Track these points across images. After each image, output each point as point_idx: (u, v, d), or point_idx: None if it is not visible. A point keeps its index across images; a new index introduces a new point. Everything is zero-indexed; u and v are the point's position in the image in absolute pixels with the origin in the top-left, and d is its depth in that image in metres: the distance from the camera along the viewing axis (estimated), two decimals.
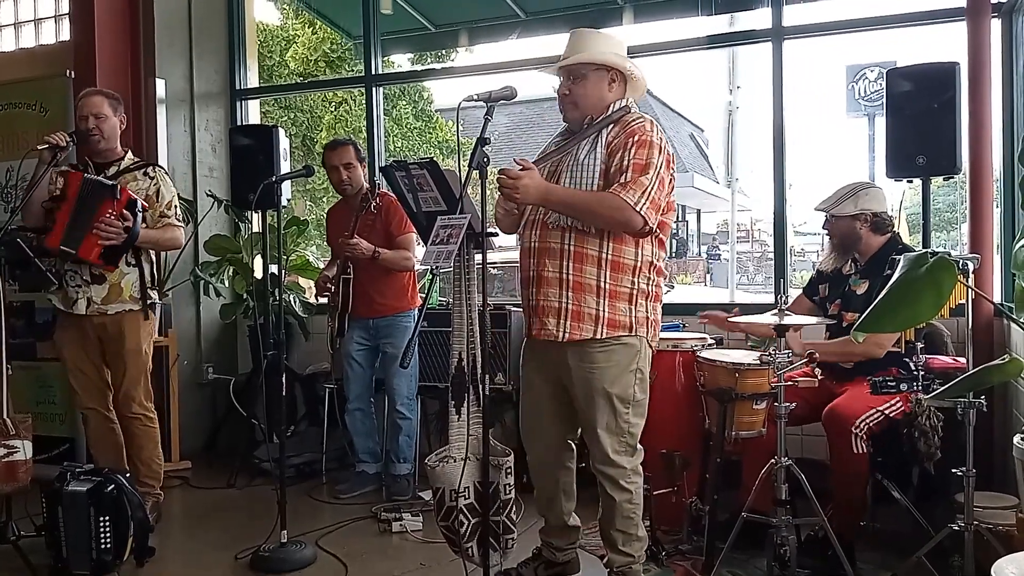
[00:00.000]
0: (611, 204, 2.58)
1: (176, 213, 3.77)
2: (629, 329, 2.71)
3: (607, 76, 2.74)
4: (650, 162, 2.60)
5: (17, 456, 3.21)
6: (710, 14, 5.62)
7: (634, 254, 2.70)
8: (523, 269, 2.81)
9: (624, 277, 2.70)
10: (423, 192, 2.73)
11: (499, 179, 2.59)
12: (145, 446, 3.80)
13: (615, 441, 2.74)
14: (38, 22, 5.43)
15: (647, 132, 2.64)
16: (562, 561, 3.05)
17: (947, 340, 3.66)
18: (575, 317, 2.69)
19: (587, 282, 2.68)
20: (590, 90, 2.72)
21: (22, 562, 3.17)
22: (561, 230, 2.69)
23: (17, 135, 4.60)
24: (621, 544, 2.82)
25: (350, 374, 4.30)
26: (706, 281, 19.86)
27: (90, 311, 3.65)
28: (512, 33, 6.20)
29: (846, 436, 3.06)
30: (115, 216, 3.49)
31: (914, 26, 4.34)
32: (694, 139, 23.82)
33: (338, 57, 14.00)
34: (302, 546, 3.41)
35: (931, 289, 1.58)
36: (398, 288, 4.23)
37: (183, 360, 5.06)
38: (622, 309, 2.70)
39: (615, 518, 2.79)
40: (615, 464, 2.75)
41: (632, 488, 2.79)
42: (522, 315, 2.90)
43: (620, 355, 2.72)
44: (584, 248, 2.67)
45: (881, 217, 3.34)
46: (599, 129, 2.70)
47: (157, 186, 3.72)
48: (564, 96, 2.75)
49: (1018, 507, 2.91)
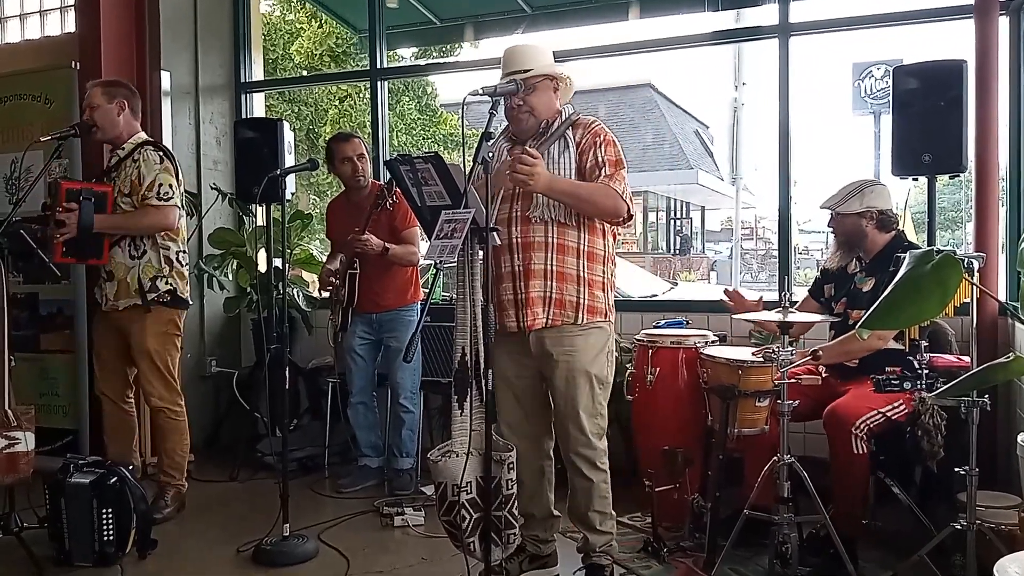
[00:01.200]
0: (607, 193, 2.80)
1: (158, 192, 3.62)
2: (604, 315, 2.93)
3: (552, 85, 2.95)
4: (619, 159, 2.87)
5: (19, 448, 3.22)
6: (716, 10, 5.61)
7: (602, 245, 2.92)
8: (505, 264, 2.89)
9: (597, 266, 2.91)
10: (427, 186, 2.72)
11: (515, 165, 2.66)
12: (169, 437, 3.84)
13: (592, 423, 2.90)
14: (43, 13, 5.44)
15: (607, 132, 2.91)
16: (546, 553, 3.13)
17: (952, 338, 3.65)
18: (558, 305, 2.86)
19: (568, 271, 2.87)
20: (542, 98, 2.92)
21: (25, 553, 3.19)
22: (544, 224, 2.85)
23: (22, 127, 4.60)
24: (599, 524, 2.97)
25: (353, 368, 4.30)
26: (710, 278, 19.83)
27: (107, 307, 3.74)
28: (518, 28, 6.19)
29: (846, 436, 3.05)
30: (62, 211, 3.47)
31: (921, 23, 4.31)
32: (699, 135, 23.77)
33: (343, 52, 13.99)
34: (304, 540, 3.42)
35: (936, 287, 1.57)
36: (402, 283, 4.23)
37: (186, 353, 5.05)
38: (599, 297, 2.91)
39: (593, 499, 2.94)
40: (593, 446, 2.91)
41: (605, 468, 2.96)
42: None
43: (596, 338, 2.91)
44: (565, 240, 2.87)
45: (887, 214, 3.33)
46: (564, 130, 2.91)
47: (139, 169, 3.66)
48: (519, 107, 2.90)
49: (1021, 506, 2.91)
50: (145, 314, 3.71)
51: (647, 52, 5.03)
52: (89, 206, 3.51)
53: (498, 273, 2.90)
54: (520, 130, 2.96)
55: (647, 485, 3.33)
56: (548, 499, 3.11)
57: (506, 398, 3.02)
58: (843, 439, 3.06)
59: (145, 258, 3.70)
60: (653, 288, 8.51)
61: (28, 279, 4.59)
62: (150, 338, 3.73)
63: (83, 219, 3.49)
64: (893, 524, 3.37)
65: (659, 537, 3.30)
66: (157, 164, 3.67)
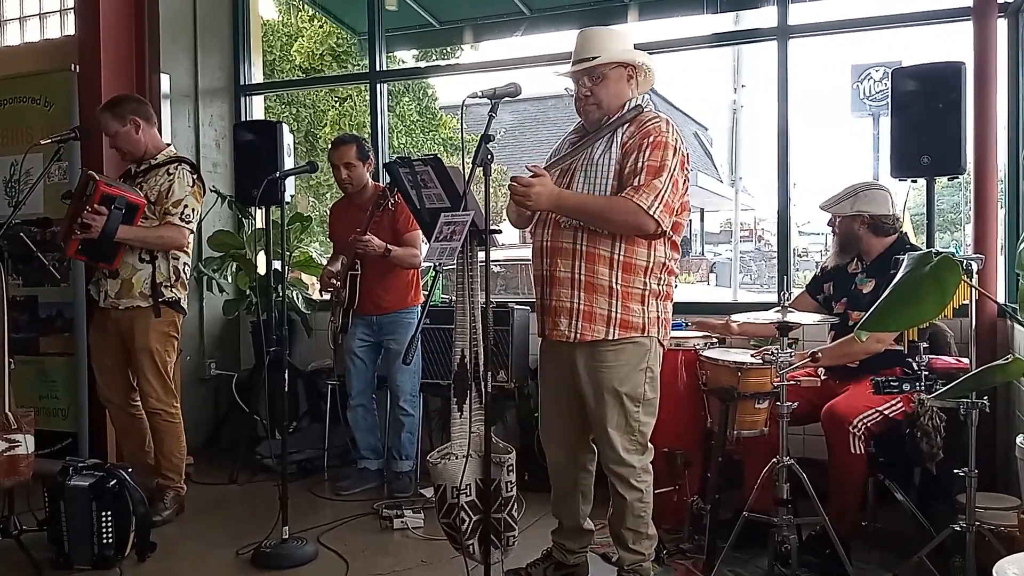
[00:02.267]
0: (623, 208, 2.59)
1: (182, 212, 3.70)
2: (641, 330, 2.72)
3: (625, 73, 2.75)
4: (664, 164, 2.60)
5: (19, 450, 3.22)
6: (715, 12, 5.61)
7: (646, 255, 2.70)
8: (535, 268, 2.83)
9: (636, 278, 2.70)
10: (427, 189, 2.72)
11: (511, 187, 2.61)
12: (166, 440, 3.83)
13: (626, 440, 2.76)
14: (43, 16, 5.43)
15: (663, 133, 2.64)
16: (572, 564, 3.06)
17: (950, 340, 3.65)
18: (587, 318, 2.70)
19: (599, 283, 2.69)
20: (612, 89, 2.72)
21: (24, 556, 3.18)
22: (573, 230, 2.70)
23: (21, 129, 4.60)
24: (632, 542, 2.85)
25: (352, 371, 4.30)
26: (709, 280, 19.82)
27: (106, 304, 3.74)
28: (517, 30, 6.20)
29: (844, 435, 3.06)
30: (90, 212, 3.47)
31: (920, 25, 4.32)
32: (698, 138, 23.75)
33: (344, 52, 13.98)
34: (303, 542, 3.41)
35: (935, 288, 1.57)
36: (403, 285, 4.23)
37: (186, 356, 5.06)
38: (635, 310, 2.71)
39: (626, 517, 2.82)
40: (626, 463, 2.77)
41: (642, 487, 2.81)
42: (526, 313, 2.91)
43: (630, 354, 2.73)
44: (596, 248, 2.68)
45: (881, 219, 3.34)
46: (614, 129, 2.70)
47: (171, 183, 3.71)
48: (586, 97, 2.73)
49: (1020, 508, 2.91)
50: (153, 318, 3.72)
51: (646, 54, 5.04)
52: (118, 215, 3.51)
53: (534, 275, 2.83)
54: (589, 123, 2.78)
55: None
56: (579, 511, 3.01)
57: (546, 403, 2.99)
58: (841, 438, 3.07)
59: (156, 264, 3.72)
60: None
61: (28, 282, 4.59)
62: (153, 337, 3.74)
63: (108, 226, 3.50)
64: (893, 526, 3.37)
65: (659, 539, 3.29)
66: (189, 186, 3.74)
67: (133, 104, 3.83)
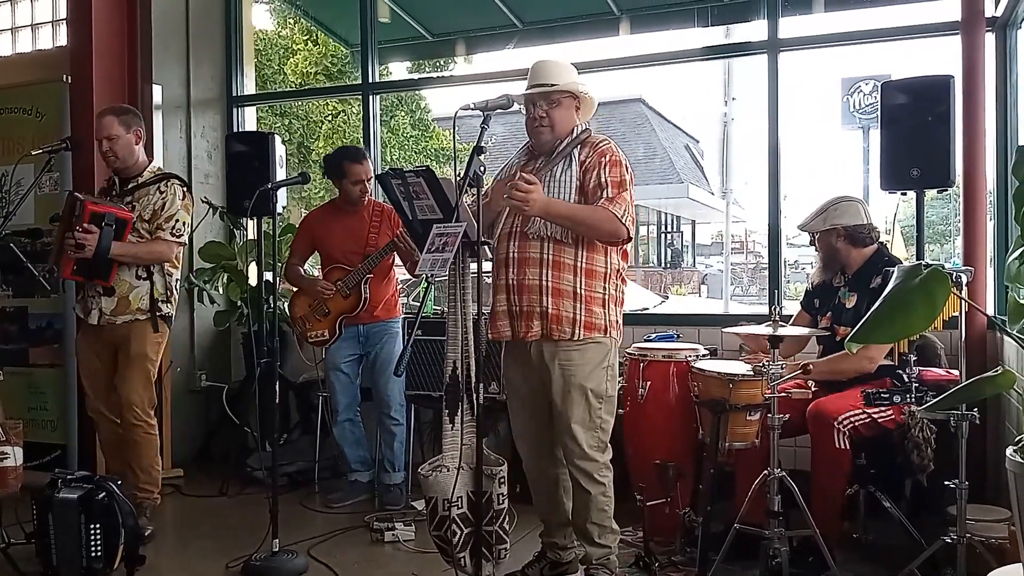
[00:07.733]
0: (605, 217, 2.82)
1: (173, 227, 3.71)
2: (603, 331, 2.93)
3: (574, 103, 2.98)
4: (623, 179, 2.88)
5: (8, 462, 3.21)
6: (706, 25, 5.64)
7: (604, 262, 2.93)
8: (500, 278, 2.96)
9: (597, 283, 2.92)
10: (419, 200, 2.73)
11: (511, 191, 2.69)
12: (145, 453, 3.80)
13: (589, 436, 2.91)
14: (35, 27, 5.44)
15: (615, 153, 2.92)
16: (566, 560, 3.12)
17: (940, 352, 3.67)
18: (555, 320, 2.87)
19: (565, 288, 2.88)
20: (563, 115, 2.95)
21: (12, 569, 3.16)
22: (541, 241, 2.88)
23: (13, 140, 4.59)
24: (597, 536, 2.97)
25: (337, 385, 4.30)
26: (700, 292, 19.86)
27: (102, 322, 3.71)
28: (509, 43, 6.21)
29: (828, 430, 3.09)
30: (82, 232, 3.47)
31: (909, 39, 4.36)
32: (689, 150, 23.86)
33: (338, 70, 13.98)
34: (294, 555, 3.40)
35: (925, 301, 1.58)
36: (391, 296, 4.33)
37: (176, 367, 5.05)
38: (597, 313, 2.91)
39: (591, 511, 2.94)
40: (590, 458, 2.90)
41: (605, 481, 2.95)
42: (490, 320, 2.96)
43: (594, 352, 2.92)
44: (561, 257, 2.88)
45: (856, 229, 3.38)
46: (571, 149, 2.92)
47: (164, 200, 3.72)
48: (541, 119, 2.93)
49: (1010, 520, 2.92)
50: (147, 326, 3.72)
51: (638, 67, 5.07)
52: (110, 232, 3.52)
53: (495, 284, 2.95)
54: (539, 143, 3.00)
55: (638, 499, 3.32)
56: (562, 504, 3.11)
57: (515, 404, 3.12)
58: (826, 434, 3.10)
59: (153, 280, 3.73)
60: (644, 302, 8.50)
61: (17, 293, 4.58)
62: (148, 346, 3.74)
63: (102, 244, 3.51)
64: (884, 538, 3.37)
65: (650, 551, 3.28)
66: (179, 200, 3.76)
67: (138, 117, 3.85)
